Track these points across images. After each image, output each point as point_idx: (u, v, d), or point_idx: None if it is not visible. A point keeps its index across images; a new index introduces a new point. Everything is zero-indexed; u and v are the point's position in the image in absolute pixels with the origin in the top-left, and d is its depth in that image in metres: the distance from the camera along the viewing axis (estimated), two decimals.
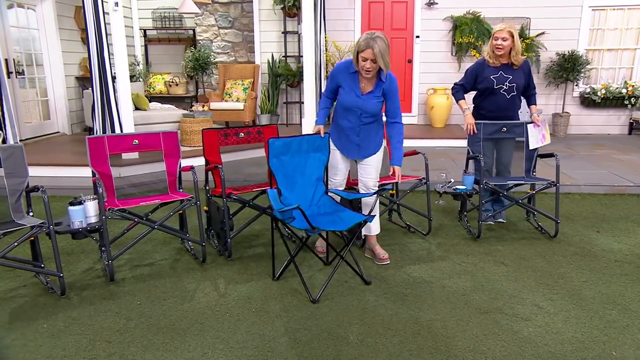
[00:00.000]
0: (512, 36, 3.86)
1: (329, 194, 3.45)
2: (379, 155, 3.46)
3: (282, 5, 8.30)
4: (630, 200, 5.02)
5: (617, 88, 8.26)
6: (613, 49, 8.46)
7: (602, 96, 8.24)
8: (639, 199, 5.06)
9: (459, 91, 4.17)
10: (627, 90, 8.18)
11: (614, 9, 8.28)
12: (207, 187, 3.75)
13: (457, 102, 4.20)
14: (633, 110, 8.41)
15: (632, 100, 8.20)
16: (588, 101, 8.38)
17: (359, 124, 3.31)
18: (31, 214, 3.20)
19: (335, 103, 3.44)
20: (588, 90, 8.36)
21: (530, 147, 4.08)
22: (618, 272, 3.34)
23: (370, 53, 2.98)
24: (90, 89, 5.92)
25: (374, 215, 3.26)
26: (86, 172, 5.40)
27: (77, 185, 5.10)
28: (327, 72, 8.30)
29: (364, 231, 3.49)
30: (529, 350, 2.45)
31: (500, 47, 3.89)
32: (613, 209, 4.74)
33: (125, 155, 5.50)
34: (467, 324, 2.70)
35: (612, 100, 8.28)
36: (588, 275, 3.30)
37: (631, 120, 8.47)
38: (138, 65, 8.74)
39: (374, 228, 3.53)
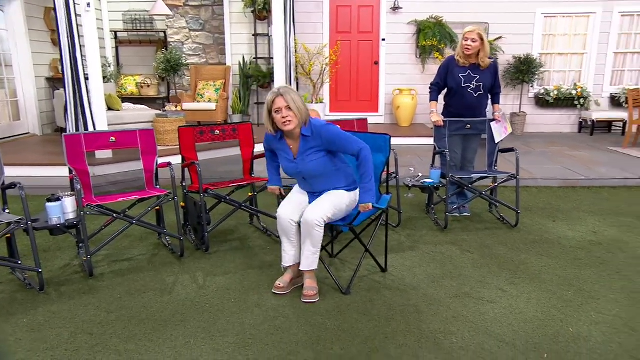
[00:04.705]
0: (482, 39, 4.09)
1: None
2: (341, 192, 3.00)
3: (252, 9, 8.38)
4: (582, 192, 5.37)
5: (567, 89, 8.75)
6: (563, 53, 8.95)
7: (554, 97, 8.71)
8: (590, 191, 5.41)
9: (433, 91, 4.39)
10: (577, 92, 8.68)
11: (563, 17, 8.77)
12: (184, 184, 3.81)
13: (429, 101, 4.41)
14: (582, 111, 8.92)
15: (581, 101, 8.71)
16: (542, 102, 8.84)
17: (309, 185, 3.06)
18: (7, 211, 3.19)
19: None
20: (542, 91, 8.82)
21: (496, 141, 4.32)
22: (572, 257, 3.59)
23: (281, 100, 2.77)
24: (61, 89, 5.85)
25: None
26: (58, 171, 5.36)
27: (49, 185, 5.04)
28: (297, 73, 8.44)
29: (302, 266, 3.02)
30: (495, 330, 2.62)
31: (469, 47, 4.11)
32: (567, 200, 5.06)
33: (99, 155, 5.47)
34: (438, 308, 2.85)
35: (564, 101, 8.76)
36: (546, 261, 3.52)
37: (580, 120, 8.98)
38: (109, 66, 8.65)
39: (308, 262, 2.97)
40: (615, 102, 8.81)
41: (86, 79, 5.35)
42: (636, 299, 2.96)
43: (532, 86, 8.84)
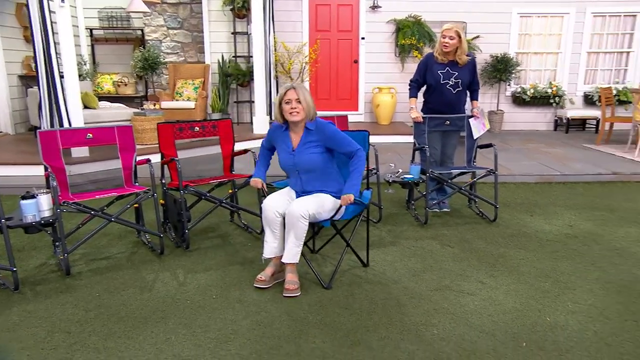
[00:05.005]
0: (459, 36, 4.14)
1: None
2: (327, 195, 3.08)
3: (231, 7, 8.33)
4: (557, 187, 5.49)
5: (543, 88, 8.93)
6: (539, 52, 9.14)
7: (530, 95, 8.89)
8: (565, 186, 5.53)
9: (413, 88, 4.43)
10: (552, 90, 8.87)
11: (538, 17, 8.96)
12: (163, 181, 3.76)
13: (409, 98, 4.45)
14: (557, 109, 9.12)
15: (556, 99, 8.90)
16: (519, 100, 9.01)
17: (300, 182, 3.12)
18: None
19: None
20: (519, 89, 8.98)
21: (474, 137, 4.38)
22: (549, 250, 3.67)
23: (293, 93, 2.96)
24: (35, 87, 5.72)
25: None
26: (33, 170, 5.25)
27: (23, 184, 4.91)
28: (276, 72, 8.43)
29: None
30: (475, 321, 2.67)
31: (447, 44, 4.16)
32: (543, 195, 5.17)
33: (75, 153, 5.36)
34: (419, 301, 2.89)
35: (540, 99, 8.95)
36: (524, 254, 3.59)
37: (556, 118, 9.19)
38: (85, 64, 8.48)
39: (290, 254, 2.98)
40: (589, 100, 9.02)
41: (61, 76, 5.24)
42: (610, 289, 3.04)
43: (509, 85, 9.00)
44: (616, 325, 2.63)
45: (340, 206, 2.99)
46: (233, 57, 8.60)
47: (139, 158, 3.63)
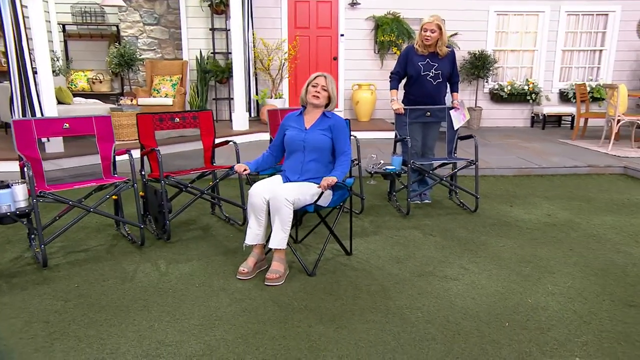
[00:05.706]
0: (440, 28, 4.19)
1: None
2: (312, 184, 3.12)
3: (209, 2, 8.26)
4: (535, 179, 5.60)
5: (520, 85, 9.10)
6: (515, 49, 9.31)
7: (508, 92, 9.03)
8: (542, 178, 5.65)
9: (394, 80, 4.45)
10: (528, 87, 9.04)
11: (515, 15, 9.13)
12: (143, 172, 3.70)
13: (390, 89, 4.47)
14: (534, 105, 9.30)
15: (533, 96, 9.08)
16: (497, 97, 9.15)
17: (301, 161, 3.17)
18: None
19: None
20: (496, 86, 9.12)
21: (455, 128, 4.43)
22: (529, 237, 3.74)
23: (322, 80, 3.21)
24: (5, 82, 5.55)
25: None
26: (4, 166, 5.10)
27: None
28: (255, 68, 8.38)
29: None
30: (459, 303, 2.70)
31: (428, 38, 4.20)
32: (522, 187, 5.26)
33: (49, 149, 5.23)
34: (403, 286, 2.90)
35: (517, 96, 9.11)
36: (505, 241, 3.65)
37: (532, 114, 9.36)
38: (57, 60, 8.27)
39: (276, 239, 2.97)
40: (564, 97, 9.22)
41: (34, 72, 5.11)
42: (588, 272, 3.12)
43: (486, 82, 9.13)
44: (594, 305, 2.69)
45: (322, 192, 2.99)
46: (211, 53, 8.52)
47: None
